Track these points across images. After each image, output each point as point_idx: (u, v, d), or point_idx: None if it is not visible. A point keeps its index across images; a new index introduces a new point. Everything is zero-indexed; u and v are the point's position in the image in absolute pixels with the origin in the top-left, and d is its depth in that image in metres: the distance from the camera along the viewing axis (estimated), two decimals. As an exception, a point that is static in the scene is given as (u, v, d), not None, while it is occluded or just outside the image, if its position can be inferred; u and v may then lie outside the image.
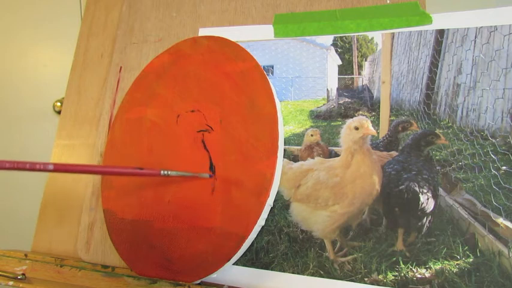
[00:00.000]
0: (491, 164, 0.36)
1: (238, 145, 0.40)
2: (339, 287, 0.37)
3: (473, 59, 0.39)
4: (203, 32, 0.50)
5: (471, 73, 0.39)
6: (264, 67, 0.46)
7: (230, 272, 0.40)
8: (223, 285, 0.40)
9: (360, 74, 0.44)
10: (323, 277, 0.37)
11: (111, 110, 0.51)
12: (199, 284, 0.40)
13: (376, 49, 0.43)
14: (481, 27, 0.39)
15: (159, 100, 0.46)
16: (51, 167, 0.30)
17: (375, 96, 0.42)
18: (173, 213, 0.41)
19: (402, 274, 0.36)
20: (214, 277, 0.39)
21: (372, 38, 0.43)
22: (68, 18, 0.97)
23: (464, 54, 0.40)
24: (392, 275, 0.36)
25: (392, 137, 0.40)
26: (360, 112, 0.42)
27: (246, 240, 0.38)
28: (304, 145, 0.43)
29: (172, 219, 0.41)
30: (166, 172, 0.37)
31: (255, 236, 0.39)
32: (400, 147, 0.39)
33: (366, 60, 0.44)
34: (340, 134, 0.42)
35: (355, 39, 0.44)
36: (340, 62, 0.45)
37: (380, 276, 0.36)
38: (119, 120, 0.48)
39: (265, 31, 0.47)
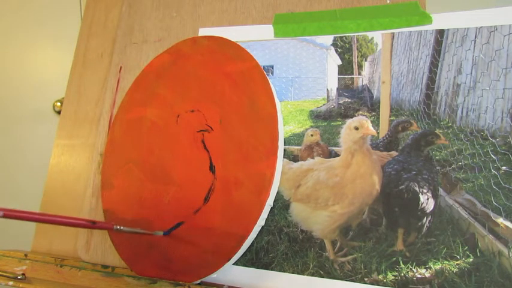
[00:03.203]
0: (491, 164, 0.36)
1: (238, 145, 0.40)
2: (339, 287, 0.37)
3: (473, 59, 0.39)
4: (203, 32, 0.50)
5: (471, 73, 0.39)
6: (264, 67, 0.46)
7: (230, 272, 0.40)
8: (223, 285, 0.40)
9: (360, 74, 0.44)
10: (323, 277, 0.37)
11: (111, 110, 0.51)
12: (199, 284, 0.40)
13: (376, 49, 0.43)
14: (481, 27, 0.39)
15: (159, 100, 0.46)
16: (0, 213, 0.29)
17: (374, 96, 0.42)
18: (173, 213, 0.41)
19: (402, 274, 0.36)
20: (214, 277, 0.39)
21: (372, 38, 0.43)
22: (68, 18, 0.97)
23: (464, 54, 0.40)
24: (392, 275, 0.36)
25: (392, 137, 0.40)
26: (360, 112, 0.42)
27: (246, 240, 0.38)
28: (304, 145, 0.43)
29: (172, 219, 0.41)
30: (119, 227, 0.38)
31: (255, 236, 0.39)
32: (400, 147, 0.39)
33: (365, 60, 0.44)
34: (340, 134, 0.42)
35: (355, 39, 0.44)
36: (340, 62, 0.45)
37: (380, 276, 0.36)
38: (119, 120, 0.48)
39: (265, 31, 0.47)
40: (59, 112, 0.97)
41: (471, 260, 0.34)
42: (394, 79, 0.42)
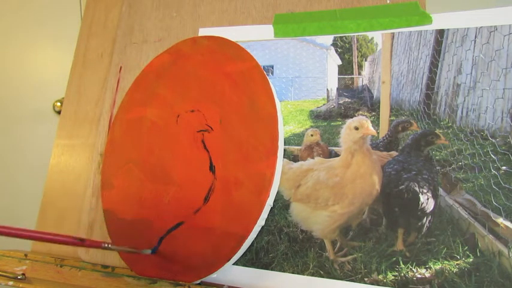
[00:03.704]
0: (491, 164, 0.36)
1: (238, 145, 0.40)
2: (339, 287, 0.37)
3: (473, 59, 0.39)
4: (203, 32, 0.50)
5: (471, 73, 0.39)
6: (264, 67, 0.46)
7: (230, 272, 0.40)
8: (223, 285, 0.40)
9: (360, 74, 0.44)
10: (323, 277, 0.37)
11: (111, 110, 0.51)
12: (199, 284, 0.40)
13: (376, 49, 0.43)
14: (481, 27, 0.39)
15: (159, 100, 0.46)
16: None
17: (374, 96, 0.42)
18: (173, 213, 0.41)
19: (402, 274, 0.36)
20: (214, 277, 0.39)
21: (372, 38, 0.43)
22: (68, 18, 0.97)
23: (464, 54, 0.40)
24: (392, 275, 0.36)
25: (392, 137, 0.40)
26: (360, 112, 0.42)
27: (246, 240, 0.38)
28: (304, 145, 0.43)
29: (172, 219, 0.41)
30: (107, 245, 0.37)
31: (255, 236, 0.39)
32: (400, 147, 0.39)
33: (366, 60, 0.44)
34: (340, 134, 0.42)
35: (355, 39, 0.44)
36: (340, 62, 0.45)
37: (380, 276, 0.36)
38: (119, 120, 0.48)
39: (265, 31, 0.47)
40: (59, 112, 0.97)
41: (471, 260, 0.34)
42: (394, 79, 0.42)
